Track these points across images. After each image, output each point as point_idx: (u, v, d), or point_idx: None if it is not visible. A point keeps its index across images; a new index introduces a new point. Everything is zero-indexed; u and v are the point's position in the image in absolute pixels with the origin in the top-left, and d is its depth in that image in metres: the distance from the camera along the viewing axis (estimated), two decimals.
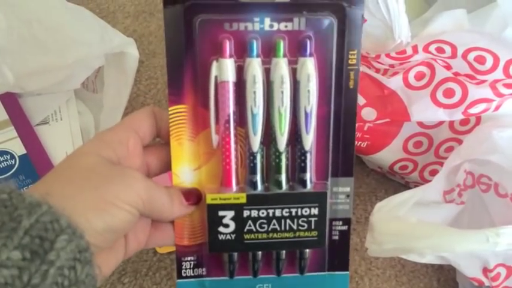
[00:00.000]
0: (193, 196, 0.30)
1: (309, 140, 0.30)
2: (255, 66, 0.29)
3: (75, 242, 0.21)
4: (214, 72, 0.29)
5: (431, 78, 0.41)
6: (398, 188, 0.52)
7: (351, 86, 0.31)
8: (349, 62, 0.30)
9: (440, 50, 0.41)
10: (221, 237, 0.30)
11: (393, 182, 0.52)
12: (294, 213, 0.30)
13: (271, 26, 0.29)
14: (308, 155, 0.31)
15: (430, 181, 0.48)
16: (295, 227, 0.30)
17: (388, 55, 0.43)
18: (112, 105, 0.49)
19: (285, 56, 0.30)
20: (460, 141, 0.45)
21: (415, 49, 0.42)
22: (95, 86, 0.52)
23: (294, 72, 0.30)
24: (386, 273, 0.46)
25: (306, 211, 0.30)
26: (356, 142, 0.47)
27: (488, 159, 0.39)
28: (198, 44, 0.29)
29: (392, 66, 0.44)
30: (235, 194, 0.30)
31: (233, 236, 0.30)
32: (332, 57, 0.30)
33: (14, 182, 0.23)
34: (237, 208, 0.30)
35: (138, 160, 0.30)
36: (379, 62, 0.44)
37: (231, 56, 0.29)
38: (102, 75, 0.50)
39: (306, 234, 0.30)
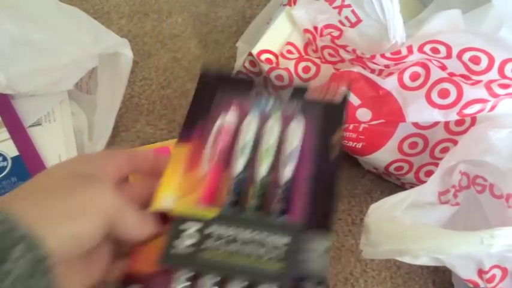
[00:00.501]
0: (167, 218, 0.29)
1: (288, 172, 0.31)
2: (252, 118, 0.35)
3: (33, 252, 0.20)
4: (219, 121, 0.34)
5: (426, 78, 0.41)
6: (394, 189, 0.51)
7: (333, 156, 0.32)
8: (334, 138, 0.33)
9: (435, 51, 0.40)
10: (174, 250, 0.27)
11: (389, 183, 0.52)
12: (260, 240, 0.28)
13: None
14: (285, 188, 0.31)
15: (425, 182, 0.48)
16: (259, 254, 0.27)
17: (383, 55, 0.42)
18: (106, 106, 0.49)
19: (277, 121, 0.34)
20: (455, 142, 0.44)
21: (410, 49, 0.41)
22: (89, 87, 0.52)
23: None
24: (382, 274, 0.46)
25: (274, 240, 0.28)
26: (351, 143, 0.47)
27: (484, 160, 0.38)
28: (213, 108, 0.35)
29: (387, 66, 0.44)
30: (204, 208, 0.30)
31: (191, 249, 0.28)
32: (319, 131, 0.34)
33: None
34: (203, 223, 0.28)
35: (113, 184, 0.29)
36: (374, 63, 0.44)
37: (234, 111, 0.35)
38: (96, 76, 0.50)
39: (269, 265, 0.27)
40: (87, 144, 0.48)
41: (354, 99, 0.44)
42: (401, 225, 0.32)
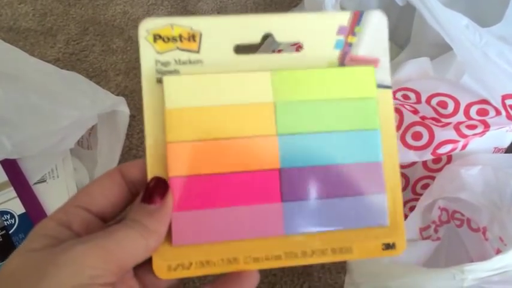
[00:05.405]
0: (159, 190, 0.23)
1: None
2: None
3: None
4: None
5: (400, 122, 0.45)
6: None
7: None
8: None
9: (406, 97, 0.44)
10: None
11: None
12: None
13: None
14: None
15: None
16: None
17: None
18: (105, 160, 0.52)
19: None
20: (434, 178, 0.47)
21: None
22: (89, 143, 0.55)
23: None
24: None
25: None
26: None
27: (459, 197, 0.41)
28: None
29: None
30: None
31: None
32: None
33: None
34: None
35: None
36: None
37: None
38: (96, 132, 0.53)
39: None
40: None
41: None
42: (380, 265, 0.34)
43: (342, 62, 0.25)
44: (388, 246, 0.25)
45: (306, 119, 0.25)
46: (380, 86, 0.25)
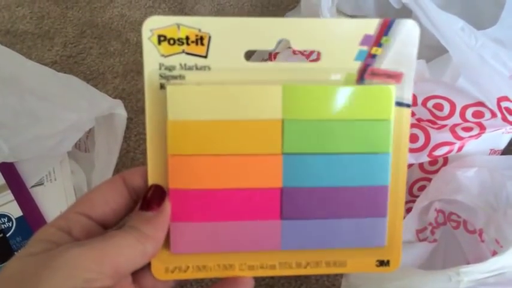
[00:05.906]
0: (157, 197, 0.23)
1: None
2: None
3: None
4: None
5: None
6: None
7: None
8: None
9: None
10: None
11: None
12: None
13: None
14: None
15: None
16: None
17: None
18: (103, 163, 0.52)
19: None
20: (430, 180, 0.47)
21: None
22: (87, 146, 0.55)
23: None
24: None
25: None
26: None
27: (455, 199, 0.41)
28: None
29: None
30: None
31: None
32: None
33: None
34: None
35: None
36: None
37: None
38: (93, 135, 0.53)
39: None
40: None
41: None
42: None
43: (362, 75, 0.24)
44: (383, 263, 0.25)
45: (314, 139, 0.24)
46: (399, 104, 0.24)
